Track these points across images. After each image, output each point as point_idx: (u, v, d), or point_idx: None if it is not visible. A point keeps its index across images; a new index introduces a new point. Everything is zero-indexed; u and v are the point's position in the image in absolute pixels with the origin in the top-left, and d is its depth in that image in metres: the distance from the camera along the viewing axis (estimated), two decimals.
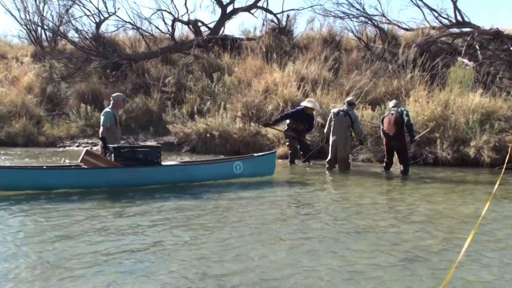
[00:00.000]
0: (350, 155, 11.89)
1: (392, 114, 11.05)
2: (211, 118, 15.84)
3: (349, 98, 12.22)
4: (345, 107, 11.76)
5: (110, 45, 22.20)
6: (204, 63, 19.89)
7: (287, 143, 13.27)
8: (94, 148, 15.75)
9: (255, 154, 10.90)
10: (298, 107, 13.34)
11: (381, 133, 11.48)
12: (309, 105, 12.89)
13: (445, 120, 13.04)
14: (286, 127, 13.14)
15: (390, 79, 15.75)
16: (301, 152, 13.33)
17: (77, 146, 17.71)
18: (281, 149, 13.79)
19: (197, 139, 15.69)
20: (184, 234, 5.70)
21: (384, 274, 4.49)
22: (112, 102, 9.94)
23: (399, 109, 11.05)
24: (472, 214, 6.91)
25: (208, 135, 15.45)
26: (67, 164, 9.48)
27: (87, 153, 8.81)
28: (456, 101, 13.36)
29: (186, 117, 16.82)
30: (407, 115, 10.90)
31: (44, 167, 9.27)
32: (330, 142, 11.73)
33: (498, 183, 6.22)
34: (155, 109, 18.14)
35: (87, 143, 17.62)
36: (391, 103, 11.59)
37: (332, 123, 11.71)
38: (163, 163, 9.65)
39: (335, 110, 11.82)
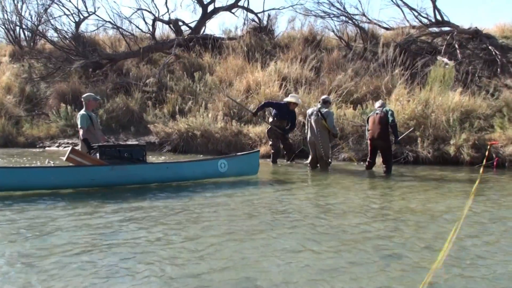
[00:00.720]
0: (330, 154, 11.94)
1: (377, 113, 11.09)
2: (193, 118, 15.78)
3: (324, 96, 12.17)
4: (318, 105, 11.78)
5: (90, 45, 22.00)
6: (185, 63, 19.84)
7: (270, 143, 13.23)
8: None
9: (239, 153, 10.91)
10: (281, 102, 13.31)
11: (366, 133, 11.51)
12: (293, 100, 12.81)
13: (426, 118, 13.14)
14: (270, 127, 13.08)
15: (371, 78, 15.83)
16: (285, 152, 13.31)
17: (57, 147, 17.57)
18: (263, 149, 13.78)
19: (178, 139, 15.64)
20: (163, 234, 5.66)
21: (363, 271, 4.50)
22: (84, 103, 9.91)
23: (384, 109, 11.09)
24: (452, 212, 6.93)
25: (189, 134, 15.40)
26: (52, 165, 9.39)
27: (73, 151, 8.69)
28: (436, 99, 13.47)
29: (167, 116, 16.74)
30: (392, 115, 10.94)
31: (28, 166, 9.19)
32: (309, 143, 11.84)
33: (477, 181, 6.29)
34: (136, 108, 18.04)
35: (67, 143, 17.46)
36: (377, 103, 11.59)
37: (308, 124, 11.79)
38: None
39: (310, 111, 11.89)
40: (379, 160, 11.47)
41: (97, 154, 8.99)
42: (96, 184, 8.71)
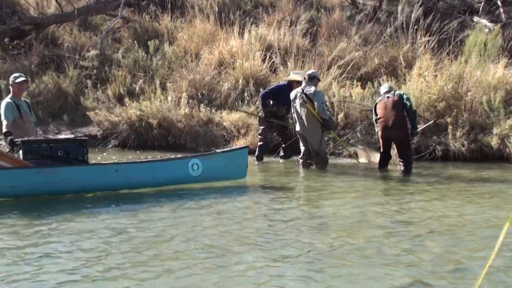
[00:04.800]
0: (325, 149, 11.97)
1: (388, 97, 11.10)
2: (147, 102, 15.69)
3: (310, 71, 12.04)
4: (303, 84, 11.66)
5: (8, 6, 21.73)
6: (136, 28, 19.73)
7: (259, 133, 13.09)
8: None
9: (219, 150, 10.70)
10: (281, 83, 13.21)
11: (374, 123, 11.50)
12: (298, 77, 12.55)
13: (459, 100, 13.08)
14: (263, 114, 12.98)
15: (385, 47, 15.82)
16: (282, 146, 13.19)
17: None
18: (242, 142, 13.82)
19: (128, 130, 15.56)
20: (116, 262, 5.52)
21: None
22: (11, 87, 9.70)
23: (396, 92, 11.13)
24: (495, 226, 6.84)
25: (143, 124, 15.32)
26: None
27: None
28: (473, 74, 13.39)
29: (112, 100, 16.65)
30: (409, 99, 11.02)
31: None
32: (298, 134, 11.84)
33: None
34: (71, 90, 17.85)
35: None
36: (383, 88, 11.60)
37: (294, 110, 11.75)
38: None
39: (293, 93, 11.80)
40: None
41: (20, 153, 8.79)
42: (17, 193, 8.51)
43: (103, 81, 17.68)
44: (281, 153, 13.20)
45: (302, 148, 11.75)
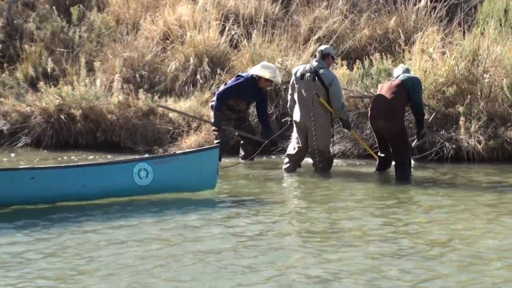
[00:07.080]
0: (331, 146, 11.92)
1: (389, 80, 11.12)
2: (68, 87, 15.47)
3: (323, 47, 11.97)
4: (313, 62, 11.50)
5: None
6: None
7: (212, 128, 13.02)
8: None
9: (180, 152, 10.67)
10: (242, 76, 13.03)
11: None
12: (266, 74, 12.46)
13: (473, 84, 13.03)
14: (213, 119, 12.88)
15: (378, 16, 15.77)
16: (242, 142, 13.22)
17: None
18: (193, 139, 13.76)
19: (44, 124, 15.44)
20: None
21: None
22: None
23: (403, 75, 10.94)
24: None
25: (63, 116, 15.13)
26: None
27: None
28: (492, 51, 13.32)
29: (23, 85, 16.59)
30: (415, 85, 10.85)
31: None
32: (297, 125, 11.62)
33: None
34: None
35: None
36: (396, 70, 11.48)
37: (296, 92, 11.52)
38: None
39: (299, 70, 11.62)
40: None
41: None
42: None
43: (11, 60, 17.63)
44: (241, 153, 13.17)
45: (297, 145, 11.61)
